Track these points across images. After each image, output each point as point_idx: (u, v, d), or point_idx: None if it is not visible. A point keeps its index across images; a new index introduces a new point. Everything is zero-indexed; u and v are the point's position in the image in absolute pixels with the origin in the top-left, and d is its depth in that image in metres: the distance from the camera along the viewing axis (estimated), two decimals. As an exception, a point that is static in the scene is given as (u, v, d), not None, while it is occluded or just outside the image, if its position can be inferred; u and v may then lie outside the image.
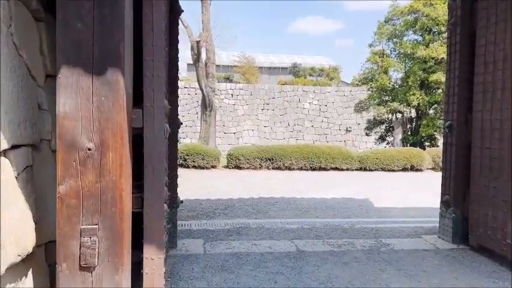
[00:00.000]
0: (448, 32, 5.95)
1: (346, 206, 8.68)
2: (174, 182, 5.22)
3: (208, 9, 19.12)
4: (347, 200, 9.28)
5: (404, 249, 5.36)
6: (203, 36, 18.64)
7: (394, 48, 21.85)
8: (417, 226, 6.76)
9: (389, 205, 8.86)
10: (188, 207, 8.19)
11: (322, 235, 6.04)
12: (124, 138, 2.54)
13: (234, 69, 39.94)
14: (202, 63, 19.20)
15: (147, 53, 3.09)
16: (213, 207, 8.24)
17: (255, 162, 15.65)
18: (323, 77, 42.33)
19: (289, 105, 31.33)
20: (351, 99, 31.22)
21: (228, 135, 30.49)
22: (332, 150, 16.35)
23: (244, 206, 8.34)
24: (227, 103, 30.77)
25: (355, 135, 30.97)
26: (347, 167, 16.23)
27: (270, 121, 31.04)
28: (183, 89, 29.58)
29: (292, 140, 30.43)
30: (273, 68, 46.56)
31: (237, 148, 16.29)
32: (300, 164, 15.83)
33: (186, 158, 15.51)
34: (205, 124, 19.51)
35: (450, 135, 5.80)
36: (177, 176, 5.30)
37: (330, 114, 31.30)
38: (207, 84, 19.17)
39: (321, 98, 31.68)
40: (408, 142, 20.62)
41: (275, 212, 7.85)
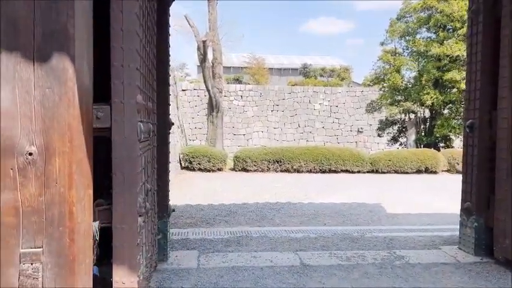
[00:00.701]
0: (468, 21, 5.38)
1: (356, 211, 8.11)
2: (164, 189, 4.73)
3: (215, 9, 18.69)
4: (358, 205, 8.72)
5: (421, 263, 4.80)
6: (210, 36, 18.20)
7: (406, 46, 21.15)
8: (434, 235, 6.17)
9: (403, 211, 8.27)
10: (188, 213, 7.71)
11: (329, 245, 5.50)
12: (75, 140, 2.06)
13: (243, 71, 39.52)
14: (209, 64, 18.75)
15: (115, 39, 2.61)
16: (214, 213, 7.74)
17: (263, 165, 15.13)
18: (334, 77, 41.71)
19: (300, 106, 30.80)
20: (362, 99, 30.56)
21: (238, 137, 30.07)
22: (343, 152, 15.76)
23: (247, 212, 7.83)
24: (236, 104, 30.36)
25: (366, 136, 30.29)
26: (358, 170, 15.63)
27: (280, 122, 30.55)
28: (193, 91, 29.26)
29: (303, 141, 29.89)
30: (283, 69, 46.06)
31: (244, 150, 15.80)
32: (309, 167, 15.28)
33: (192, 161, 15.07)
34: (212, 126, 19.05)
35: (471, 136, 5.22)
36: (168, 182, 4.81)
37: (341, 115, 30.69)
38: (214, 85, 18.72)
39: (331, 98, 31.08)
40: (422, 143, 19.91)
41: (280, 219, 7.33)
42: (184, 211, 7.87)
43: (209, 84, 18.59)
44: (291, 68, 45.65)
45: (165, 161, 4.70)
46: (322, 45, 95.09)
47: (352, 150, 16.14)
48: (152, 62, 3.94)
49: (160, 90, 4.53)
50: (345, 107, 30.82)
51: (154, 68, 4.22)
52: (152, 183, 4.00)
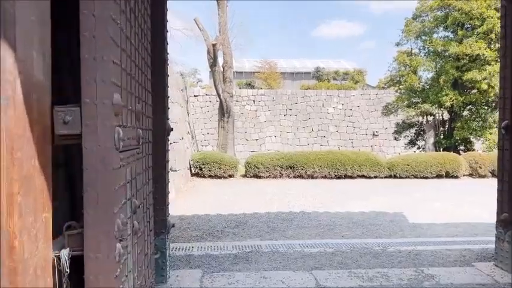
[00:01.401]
0: (501, 10, 4.80)
1: (376, 221, 7.52)
2: (162, 202, 4.24)
3: (225, 12, 18.29)
4: (377, 215, 8.12)
5: (454, 284, 4.21)
6: (219, 39, 17.80)
7: (423, 46, 20.43)
8: (465, 249, 5.57)
9: (426, 220, 7.65)
10: (194, 225, 7.21)
11: (348, 262, 4.94)
12: (17, 151, 1.57)
13: (255, 75, 39.16)
14: (219, 68, 18.34)
15: (86, 26, 2.13)
16: (223, 224, 7.23)
17: (275, 171, 14.59)
18: (347, 80, 41.06)
19: (313, 110, 30.28)
20: (377, 102, 29.89)
21: (250, 142, 29.66)
22: (358, 156, 15.14)
23: (258, 223, 7.30)
24: (249, 109, 30.01)
25: (382, 139, 29.58)
26: (375, 175, 14.98)
27: (293, 127, 30.07)
28: (205, 96, 29.01)
29: (317, 145, 29.33)
30: (295, 73, 45.55)
31: (256, 156, 15.28)
32: (324, 172, 14.68)
33: (202, 167, 14.60)
34: (223, 131, 18.59)
35: (508, 138, 4.63)
36: (166, 194, 4.32)
37: (355, 119, 30.06)
38: (225, 89, 18.28)
39: (345, 102, 30.49)
40: (441, 146, 19.15)
41: (293, 231, 6.78)
42: (191, 222, 7.38)
43: (219, 88, 18.16)
44: (303, 71, 45.13)
45: (162, 171, 4.22)
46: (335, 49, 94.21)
47: (368, 155, 15.51)
48: (144, 59, 3.46)
49: (157, 91, 4.06)
50: (360, 110, 30.20)
51: (148, 67, 3.75)
52: (145, 197, 3.52)
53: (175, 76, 16.25)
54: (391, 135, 28.16)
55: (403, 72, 19.94)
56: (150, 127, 3.78)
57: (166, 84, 4.28)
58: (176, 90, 15.21)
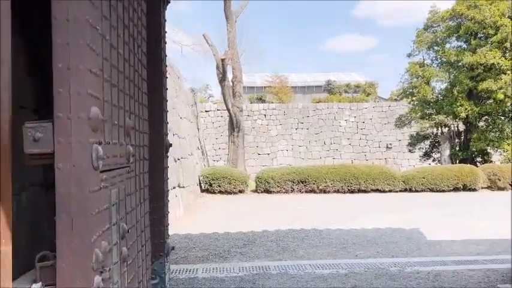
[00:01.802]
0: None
1: (392, 239, 7.14)
2: (160, 223, 3.97)
3: (233, 27, 18.23)
4: (393, 231, 7.73)
5: (479, 310, 3.84)
6: (229, 54, 17.69)
7: (435, 56, 20.09)
8: (488, 269, 5.18)
9: (445, 237, 7.24)
10: (201, 244, 6.92)
11: (362, 285, 4.59)
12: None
13: (266, 90, 39.13)
14: (228, 82, 18.20)
15: (58, 31, 1.90)
16: (230, 243, 6.93)
17: (286, 186, 14.26)
18: (359, 93, 40.76)
19: (325, 123, 30.00)
20: (390, 114, 29.50)
21: (262, 157, 29.44)
22: (372, 170, 14.74)
23: (267, 242, 6.98)
24: (260, 124, 29.90)
25: (396, 152, 29.09)
26: (390, 189, 14.55)
27: (305, 140, 29.80)
28: (216, 111, 29.02)
29: (329, 159, 28.95)
30: (306, 87, 45.44)
31: (266, 170, 14.98)
32: (337, 186, 14.31)
33: (212, 183, 14.35)
34: (233, 146, 18.36)
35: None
36: (165, 214, 4.05)
37: (368, 131, 29.67)
38: (234, 103, 18.11)
39: (357, 114, 30.17)
40: (457, 158, 18.63)
41: (304, 250, 6.44)
42: (197, 242, 7.09)
43: (229, 103, 18.00)
44: (314, 85, 45.00)
45: (161, 190, 3.96)
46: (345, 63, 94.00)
47: (382, 168, 15.10)
48: (138, 71, 3.24)
49: (154, 106, 3.83)
50: (372, 123, 29.82)
51: (144, 80, 3.52)
52: (139, 219, 3.26)
53: (185, 92, 16.15)
54: (405, 148, 27.67)
55: (415, 84, 19.57)
56: (145, 143, 3.53)
57: (164, 98, 4.05)
58: (185, 105, 15.08)
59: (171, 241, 6.44)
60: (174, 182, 9.71)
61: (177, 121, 11.48)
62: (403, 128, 23.66)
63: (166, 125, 4.11)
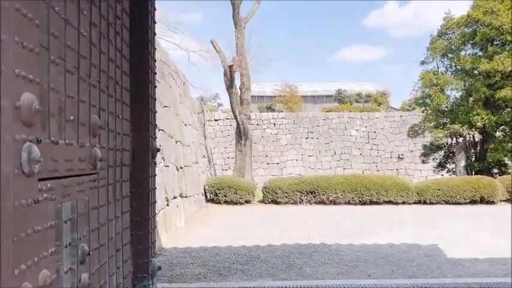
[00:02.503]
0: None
1: (408, 257, 6.53)
2: (145, 239, 3.46)
3: (242, 33, 17.84)
4: (409, 248, 7.11)
5: None
6: (236, 61, 17.27)
7: (449, 64, 19.44)
8: (521, 294, 4.56)
9: (467, 254, 6.61)
10: (200, 259, 6.38)
11: (377, 312, 4.01)
12: None
13: (276, 99, 38.76)
14: (236, 90, 17.76)
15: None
16: (232, 259, 6.38)
17: (294, 196, 13.68)
18: (370, 102, 40.13)
19: (335, 132, 29.48)
20: (401, 124, 28.92)
21: (271, 166, 28.97)
22: (384, 180, 14.10)
23: (271, 258, 6.42)
24: (269, 133, 29.50)
25: (408, 163, 28.41)
26: (403, 200, 13.89)
27: (315, 150, 29.28)
28: (225, 120, 28.69)
29: (339, 169, 28.37)
30: (317, 96, 44.99)
31: (274, 180, 14.43)
32: (347, 198, 13.69)
33: (217, 193, 13.83)
34: (240, 154, 17.85)
35: None
36: (151, 229, 3.53)
37: (379, 141, 29.09)
38: (242, 111, 17.64)
39: (369, 124, 29.64)
40: (473, 169, 17.87)
41: (311, 268, 5.86)
42: (196, 257, 6.56)
43: (236, 110, 17.54)
44: (325, 95, 44.53)
45: (146, 201, 3.46)
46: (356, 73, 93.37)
47: (395, 179, 14.45)
48: (113, 61, 2.76)
49: (138, 104, 3.34)
50: (384, 133, 29.25)
51: (124, 74, 3.04)
52: (113, 236, 2.75)
53: (192, 99, 15.74)
54: (417, 159, 27.00)
55: (429, 92, 18.92)
56: (124, 147, 3.04)
57: (151, 96, 3.55)
58: (191, 112, 14.65)
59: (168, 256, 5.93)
60: (176, 191, 9.22)
61: (180, 128, 11.03)
62: (416, 138, 22.97)
63: (154, 127, 3.61)
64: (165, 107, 9.28)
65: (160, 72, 9.59)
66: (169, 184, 8.51)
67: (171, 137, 9.43)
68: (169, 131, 9.21)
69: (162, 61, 10.02)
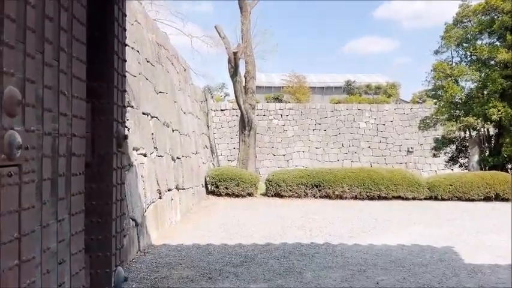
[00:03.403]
0: None
1: (421, 261, 5.89)
2: (107, 245, 2.85)
3: (247, 19, 17.10)
4: (421, 250, 6.47)
5: None
6: (241, 48, 16.57)
7: (464, 54, 18.57)
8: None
9: (486, 260, 5.96)
10: (189, 259, 5.80)
11: (387, 333, 3.39)
12: None
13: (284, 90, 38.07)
14: (240, 78, 17.07)
15: None
16: (225, 259, 5.79)
17: (299, 190, 13.05)
18: (380, 94, 39.22)
19: (343, 124, 28.82)
20: (411, 117, 28.19)
21: (278, 158, 28.43)
22: (394, 175, 13.40)
23: (269, 259, 5.81)
24: (276, 124, 28.95)
25: (417, 156, 27.68)
26: (413, 196, 13.21)
27: (322, 142, 28.68)
28: (231, 110, 28.17)
29: (347, 162, 27.74)
30: (325, 87, 44.13)
31: (278, 173, 13.79)
32: (354, 192, 13.04)
33: (218, 185, 13.25)
34: (243, 145, 17.21)
35: None
36: (114, 233, 2.92)
37: (388, 134, 28.41)
38: (246, 100, 16.97)
39: (378, 116, 28.95)
40: (487, 164, 17.07)
41: (312, 273, 5.25)
42: (186, 256, 5.98)
43: (241, 99, 16.87)
44: (334, 86, 43.68)
45: (109, 199, 2.85)
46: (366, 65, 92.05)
47: (405, 173, 13.74)
48: (49, 18, 2.13)
49: (96, 79, 2.73)
50: (393, 125, 28.56)
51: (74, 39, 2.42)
52: (51, 246, 2.15)
53: (193, 87, 15.11)
54: (427, 152, 26.31)
55: (442, 83, 18.09)
56: (75, 132, 2.44)
57: (118, 71, 2.92)
58: (193, 101, 14.04)
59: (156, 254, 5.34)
60: (171, 183, 8.64)
61: (178, 116, 10.42)
62: (427, 131, 22.18)
63: (121, 109, 2.99)
64: (160, 92, 8.67)
65: (157, 55, 8.98)
66: (163, 175, 7.93)
67: (166, 125, 8.83)
68: (164, 119, 8.60)
69: (159, 44, 9.40)
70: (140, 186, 6.33)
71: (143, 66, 7.58)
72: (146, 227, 6.46)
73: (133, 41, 6.94)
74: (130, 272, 5.13)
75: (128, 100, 6.26)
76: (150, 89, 7.85)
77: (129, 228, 5.67)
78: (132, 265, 5.43)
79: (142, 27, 7.83)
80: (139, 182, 6.27)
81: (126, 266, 5.32)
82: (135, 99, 6.63)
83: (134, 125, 6.37)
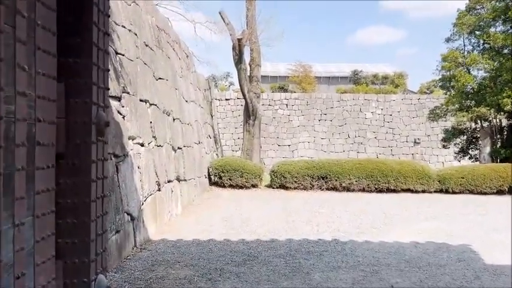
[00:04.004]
0: None
1: (437, 260, 5.46)
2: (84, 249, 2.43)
3: (253, 4, 16.55)
4: (437, 249, 6.03)
5: None
6: (246, 34, 16.04)
7: (477, 42, 17.93)
8: None
9: (508, 260, 5.51)
10: (189, 257, 5.40)
11: None
12: None
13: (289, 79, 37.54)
14: (245, 65, 16.56)
15: None
16: (227, 257, 5.38)
17: (305, 181, 12.63)
18: (387, 84, 38.57)
19: (349, 115, 28.36)
20: (419, 107, 27.69)
21: (282, 148, 28.08)
22: (403, 166, 12.93)
23: (273, 258, 5.40)
24: (281, 114, 28.56)
25: (424, 147, 27.19)
26: (423, 189, 12.75)
27: (328, 132, 28.27)
28: (236, 100, 27.76)
29: (353, 153, 27.33)
30: (331, 77, 43.51)
31: (283, 164, 13.35)
32: (362, 184, 12.60)
33: (222, 176, 12.85)
34: (248, 135, 16.76)
35: None
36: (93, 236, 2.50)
37: (395, 125, 27.96)
38: (251, 89, 16.47)
39: (385, 106, 28.48)
40: (499, 156, 16.54)
41: (321, 274, 4.84)
42: (186, 253, 5.58)
43: (245, 88, 16.38)
44: (340, 76, 43.09)
45: (86, 195, 2.44)
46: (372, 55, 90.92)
47: (415, 165, 13.26)
48: None
49: (70, 54, 2.30)
50: (400, 116, 28.08)
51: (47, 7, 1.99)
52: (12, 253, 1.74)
53: (196, 74, 14.64)
54: (434, 143, 25.92)
55: (454, 72, 17.48)
56: (41, 116, 2.02)
57: (97, 45, 2.47)
58: (196, 89, 13.58)
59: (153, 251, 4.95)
60: (171, 174, 8.24)
61: (180, 104, 9.98)
62: (433, 122, 21.67)
63: (103, 91, 2.55)
64: (160, 79, 8.22)
65: (157, 39, 8.52)
66: (162, 166, 7.51)
67: (167, 113, 8.40)
68: (164, 107, 8.17)
69: (160, 28, 8.93)
70: (136, 178, 5.93)
71: (141, 50, 7.13)
72: (143, 221, 6.07)
73: (130, 22, 6.49)
74: (124, 271, 4.75)
75: (124, 85, 5.83)
76: (149, 75, 7.41)
77: (124, 223, 5.27)
78: (127, 263, 5.04)
79: (140, 9, 7.36)
80: (135, 174, 5.87)
81: (119, 264, 4.94)
82: (132, 84, 6.20)
83: (130, 113, 5.95)
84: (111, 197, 4.83)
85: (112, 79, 5.38)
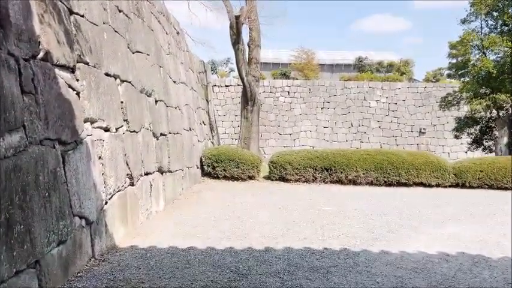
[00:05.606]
0: None
1: (479, 283, 4.22)
2: None
3: (252, -20, 15.15)
4: (473, 263, 4.79)
5: None
6: (245, 11, 14.69)
7: (494, 24, 16.56)
8: None
9: None
10: (160, 273, 4.18)
11: None
12: None
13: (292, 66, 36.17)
14: (243, 46, 15.22)
15: None
16: (207, 276, 4.16)
17: (306, 173, 11.39)
18: (392, 72, 37.13)
19: (353, 103, 27.19)
20: (425, 96, 26.56)
21: (284, 137, 26.96)
22: (416, 158, 11.68)
23: (267, 277, 4.18)
24: (283, 101, 27.45)
25: (430, 138, 26.04)
26: (437, 183, 11.53)
27: (331, 121, 27.13)
28: (236, 86, 26.59)
29: (356, 142, 26.21)
30: (335, 65, 42.03)
31: (283, 154, 12.10)
32: (370, 177, 11.36)
33: (215, 166, 11.62)
34: (246, 122, 15.49)
35: None
36: None
37: (400, 114, 26.89)
38: (249, 72, 15.16)
39: (390, 95, 27.32)
40: (517, 148, 15.31)
41: (330, 303, 3.62)
42: (156, 267, 4.36)
43: (243, 71, 15.07)
44: (344, 63, 41.60)
45: None
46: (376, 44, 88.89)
47: (428, 156, 12.01)
48: None
49: None
50: (405, 105, 26.95)
51: None
52: None
53: (189, 54, 13.32)
54: (440, 133, 24.96)
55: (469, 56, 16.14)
56: None
57: None
58: (187, 69, 12.29)
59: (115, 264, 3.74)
60: (151, 165, 7.00)
61: (165, 84, 8.71)
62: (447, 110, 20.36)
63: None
64: (138, 52, 6.94)
65: (135, 6, 7.22)
66: (137, 156, 6.28)
67: (146, 93, 7.14)
68: (142, 85, 6.90)
69: (140, -6, 7.61)
70: (96, 171, 4.69)
71: (112, 15, 5.85)
72: (106, 224, 4.85)
73: (92, -24, 5.19)
74: (66, 296, 3.54)
75: (80, 53, 4.56)
76: (122, 46, 6.14)
77: (73, 230, 4.06)
78: (74, 284, 3.83)
79: (111, -35, 6.05)
80: (94, 166, 4.63)
81: (64, 285, 3.73)
82: (93, 53, 4.93)
83: (89, 88, 4.69)
84: (51, 197, 3.61)
85: (61, 43, 4.11)
